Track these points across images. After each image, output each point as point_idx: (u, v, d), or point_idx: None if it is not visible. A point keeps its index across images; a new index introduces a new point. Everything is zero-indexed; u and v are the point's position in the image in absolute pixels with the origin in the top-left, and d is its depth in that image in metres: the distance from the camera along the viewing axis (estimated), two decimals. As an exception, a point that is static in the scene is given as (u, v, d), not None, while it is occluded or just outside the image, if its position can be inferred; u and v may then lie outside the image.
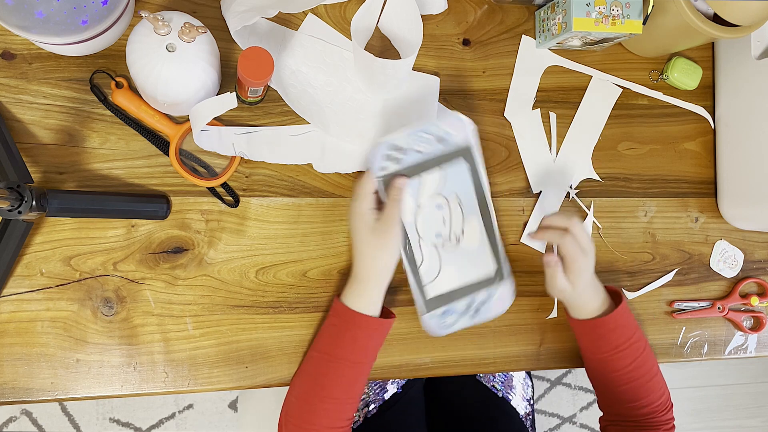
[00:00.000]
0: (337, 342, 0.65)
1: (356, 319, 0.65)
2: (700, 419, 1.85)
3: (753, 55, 0.78)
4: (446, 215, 0.69)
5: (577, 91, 0.80)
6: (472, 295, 0.71)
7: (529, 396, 0.97)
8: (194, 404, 1.51)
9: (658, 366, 0.73)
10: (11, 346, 0.63)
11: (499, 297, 0.72)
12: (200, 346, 0.68)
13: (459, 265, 0.70)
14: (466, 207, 0.70)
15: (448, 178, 0.68)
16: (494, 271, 0.71)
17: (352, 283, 0.67)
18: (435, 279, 0.70)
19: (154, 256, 0.67)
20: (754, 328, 0.86)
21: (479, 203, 0.70)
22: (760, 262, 0.87)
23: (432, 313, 0.70)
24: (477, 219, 0.70)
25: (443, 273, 0.70)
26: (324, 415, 0.64)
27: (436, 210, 0.69)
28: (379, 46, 0.74)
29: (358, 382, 0.66)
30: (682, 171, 0.84)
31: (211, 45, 0.61)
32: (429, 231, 0.69)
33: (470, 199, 0.70)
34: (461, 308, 0.71)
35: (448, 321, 0.71)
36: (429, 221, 0.69)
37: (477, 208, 0.70)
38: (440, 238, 0.69)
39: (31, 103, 0.64)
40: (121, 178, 0.66)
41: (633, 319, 0.73)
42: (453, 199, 0.69)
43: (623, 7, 0.69)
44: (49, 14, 0.52)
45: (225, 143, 0.66)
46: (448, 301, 0.70)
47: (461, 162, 0.69)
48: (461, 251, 0.70)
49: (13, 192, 0.54)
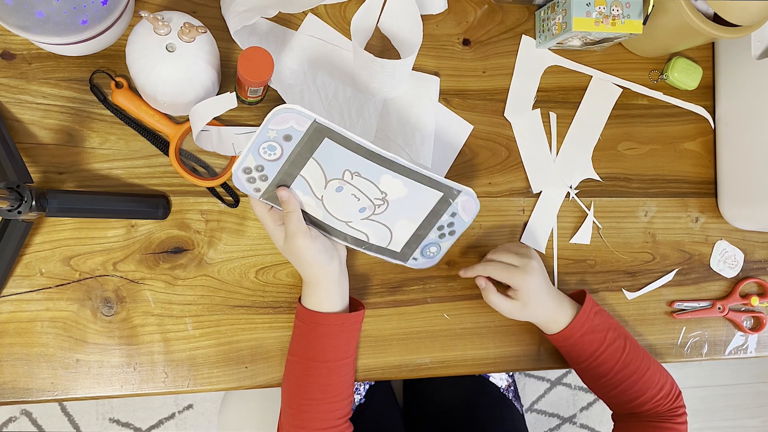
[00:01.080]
0: (305, 344, 0.65)
1: (316, 318, 0.65)
2: (700, 419, 1.85)
3: (753, 55, 0.78)
4: (353, 191, 0.65)
5: (577, 91, 0.80)
6: (438, 221, 0.69)
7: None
8: (194, 404, 1.51)
9: (651, 360, 0.72)
10: (11, 346, 0.63)
11: (463, 207, 0.68)
12: (200, 346, 0.68)
13: (403, 215, 0.67)
14: (365, 173, 0.64)
15: (325, 161, 0.62)
16: (441, 196, 0.67)
17: (306, 287, 0.67)
18: (392, 238, 0.69)
19: (154, 256, 0.67)
20: (754, 328, 0.86)
21: (375, 161, 0.63)
22: (760, 262, 0.87)
23: (412, 257, 0.70)
24: (387, 173, 0.64)
25: (395, 230, 0.68)
26: (311, 417, 0.64)
27: (338, 193, 0.64)
28: (379, 46, 0.74)
29: (338, 379, 0.65)
30: (682, 171, 0.84)
31: (211, 45, 0.61)
32: (351, 212, 0.66)
33: (363, 164, 0.63)
34: (435, 237, 0.70)
35: (432, 251, 0.70)
36: (342, 205, 0.65)
37: (377, 166, 0.63)
38: (365, 211, 0.66)
39: (31, 103, 0.64)
40: (121, 178, 0.66)
41: (606, 321, 0.71)
42: (347, 175, 0.64)
43: (623, 7, 0.69)
44: (49, 14, 0.52)
45: (225, 143, 0.66)
46: (419, 240, 0.69)
47: (326, 142, 0.61)
48: (394, 205, 0.66)
49: (13, 192, 0.54)
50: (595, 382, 0.72)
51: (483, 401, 0.91)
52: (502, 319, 0.76)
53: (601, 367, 0.70)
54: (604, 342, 0.69)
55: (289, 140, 0.60)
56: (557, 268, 0.79)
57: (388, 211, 0.67)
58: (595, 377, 0.71)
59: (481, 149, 0.77)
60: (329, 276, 0.65)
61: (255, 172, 0.61)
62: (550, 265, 0.78)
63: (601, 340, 0.69)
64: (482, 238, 0.76)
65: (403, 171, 0.64)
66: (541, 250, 0.78)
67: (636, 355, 0.70)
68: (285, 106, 0.58)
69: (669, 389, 0.71)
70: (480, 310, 0.76)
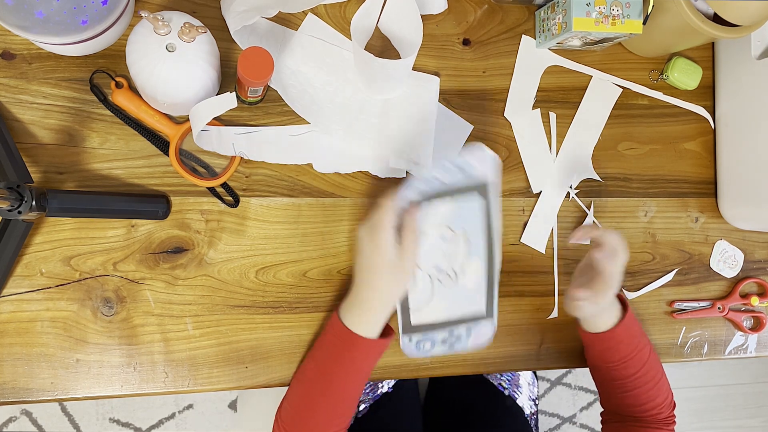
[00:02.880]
0: (334, 359, 0.64)
1: (356, 341, 0.63)
2: (700, 419, 1.85)
3: (753, 55, 0.78)
4: (450, 249, 0.66)
5: (577, 91, 0.80)
6: (452, 328, 0.69)
7: (534, 396, 0.97)
8: (194, 404, 1.51)
9: (663, 368, 0.73)
10: (11, 346, 0.63)
11: (476, 334, 0.70)
12: (200, 346, 0.68)
13: (450, 301, 0.68)
14: (472, 245, 0.66)
15: (460, 210, 0.65)
16: (482, 312, 0.69)
17: (355, 305, 0.64)
18: (423, 308, 0.68)
19: (154, 256, 0.67)
20: (754, 328, 0.86)
21: (486, 245, 0.66)
22: (760, 262, 0.87)
23: (410, 336, 0.69)
24: (481, 260, 0.67)
25: (432, 305, 0.68)
26: (318, 421, 0.64)
27: (439, 241, 0.66)
28: (379, 46, 0.74)
29: (353, 394, 0.66)
30: (682, 171, 0.84)
31: (211, 45, 0.61)
32: (428, 261, 0.66)
33: (478, 238, 0.66)
34: (439, 338, 0.69)
35: (426, 347, 0.69)
36: (430, 251, 0.66)
37: (483, 250, 0.66)
38: (438, 272, 0.67)
39: (31, 103, 0.64)
40: (121, 178, 0.66)
41: (639, 326, 0.72)
42: (461, 234, 0.65)
43: (623, 7, 0.69)
44: (49, 14, 0.52)
45: (225, 143, 0.66)
46: (429, 330, 0.69)
47: (476, 197, 0.65)
48: (456, 288, 0.67)
49: (13, 192, 0.54)
50: (611, 383, 0.72)
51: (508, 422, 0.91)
52: (502, 320, 0.76)
53: (625, 370, 0.70)
54: (637, 347, 0.70)
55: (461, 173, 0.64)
56: (557, 268, 0.79)
57: (445, 288, 0.67)
58: (614, 378, 0.71)
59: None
60: (390, 305, 0.64)
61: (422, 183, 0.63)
62: (550, 265, 0.78)
63: (635, 345, 0.70)
64: (482, 238, 0.76)
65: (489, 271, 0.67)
66: (541, 250, 0.78)
67: (655, 364, 0.71)
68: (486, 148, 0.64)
69: (670, 401, 0.72)
70: (480, 310, 0.76)
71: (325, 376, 0.64)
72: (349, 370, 0.64)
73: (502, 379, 0.93)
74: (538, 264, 0.78)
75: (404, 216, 0.62)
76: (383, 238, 0.60)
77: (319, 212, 0.71)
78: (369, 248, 0.61)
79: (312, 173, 0.71)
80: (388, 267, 0.61)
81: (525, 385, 0.95)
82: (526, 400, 0.94)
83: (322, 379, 0.64)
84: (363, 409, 0.86)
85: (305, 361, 0.68)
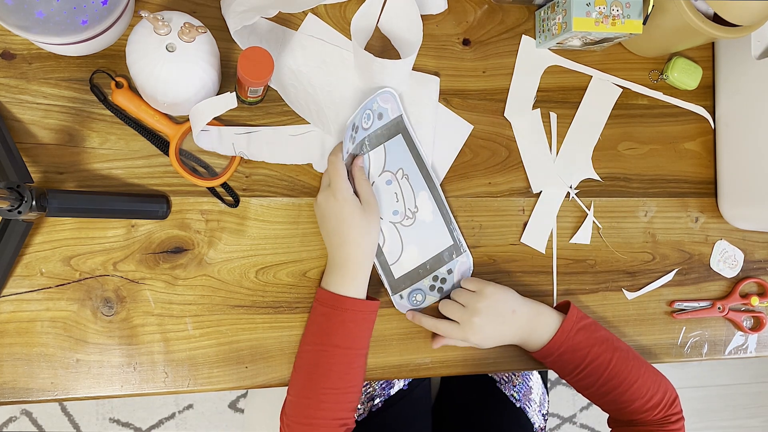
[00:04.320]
0: (326, 330, 0.65)
1: (345, 303, 0.64)
2: (700, 419, 1.85)
3: (753, 55, 0.78)
4: (397, 191, 0.71)
5: (577, 91, 0.80)
6: (435, 272, 0.73)
7: (545, 411, 0.97)
8: (194, 404, 1.51)
9: (642, 371, 0.70)
10: (11, 346, 0.63)
11: (458, 270, 0.74)
12: (200, 346, 0.68)
13: (418, 242, 0.72)
14: (413, 181, 0.71)
15: (390, 153, 0.70)
16: (450, 244, 0.73)
17: (335, 269, 0.66)
18: (399, 258, 0.72)
19: (154, 256, 0.67)
20: (754, 328, 0.86)
21: (423, 176, 0.72)
22: (760, 262, 0.87)
23: (401, 293, 0.72)
24: (426, 192, 0.72)
25: (405, 252, 0.72)
26: (326, 407, 0.63)
27: (386, 186, 0.71)
28: (379, 46, 0.74)
29: (355, 369, 0.65)
30: (682, 171, 0.84)
31: (211, 45, 0.61)
32: (386, 209, 0.71)
33: (415, 172, 0.72)
34: (427, 286, 0.73)
35: (418, 299, 0.73)
36: (383, 199, 0.71)
37: (423, 181, 0.72)
38: (397, 215, 0.71)
39: (31, 103, 0.64)
40: (121, 178, 0.66)
41: (590, 337, 0.70)
42: (399, 174, 0.71)
43: (623, 7, 0.69)
44: (49, 14, 0.52)
45: (225, 143, 0.66)
46: (414, 279, 0.73)
47: (399, 137, 0.71)
48: (418, 226, 0.72)
49: (13, 192, 0.54)
50: (584, 392, 0.72)
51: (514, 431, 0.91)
52: (502, 319, 0.76)
53: (585, 380, 0.70)
54: (585, 359, 0.69)
55: (380, 119, 0.70)
56: (557, 268, 0.79)
57: (410, 228, 0.71)
58: (582, 388, 0.72)
59: (481, 149, 0.77)
60: (369, 259, 0.66)
61: (352, 131, 0.66)
62: (550, 265, 0.78)
63: (583, 357, 0.69)
64: (482, 238, 0.76)
65: (437, 198, 0.73)
66: (541, 250, 0.78)
67: (623, 367, 0.69)
68: (390, 90, 0.69)
69: (661, 398, 0.69)
70: (480, 310, 0.76)
71: (324, 351, 0.64)
72: (346, 336, 0.64)
73: (515, 391, 0.93)
74: (538, 264, 0.78)
75: (352, 170, 0.67)
76: (343, 192, 0.64)
77: (319, 212, 0.71)
78: (333, 208, 0.64)
79: (312, 173, 0.71)
80: (357, 218, 0.64)
81: (537, 398, 0.95)
82: (536, 414, 0.94)
83: (321, 356, 0.64)
84: (377, 404, 0.86)
85: (299, 350, 0.68)
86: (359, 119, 0.67)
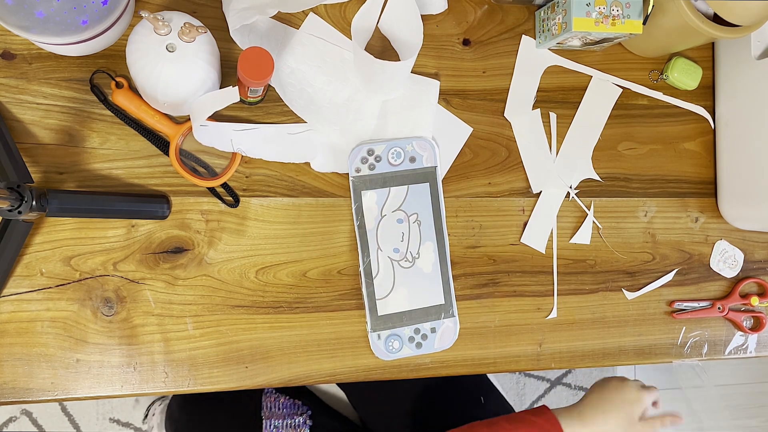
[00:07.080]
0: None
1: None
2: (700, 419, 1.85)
3: (753, 55, 0.78)
4: (405, 231, 0.71)
5: (577, 91, 0.80)
6: (418, 325, 0.72)
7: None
8: (194, 404, 1.51)
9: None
10: (11, 346, 0.63)
11: (443, 333, 0.73)
12: (200, 346, 0.68)
13: (411, 288, 0.72)
14: (423, 229, 0.72)
15: (412, 196, 0.72)
16: (442, 304, 0.73)
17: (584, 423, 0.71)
18: (387, 296, 0.71)
19: (154, 256, 0.67)
20: (754, 328, 0.86)
21: (436, 229, 0.73)
22: (760, 262, 0.87)
23: (379, 333, 0.71)
24: (432, 244, 0.73)
25: (395, 292, 0.71)
26: None
27: (396, 223, 0.71)
28: (379, 47, 0.74)
29: None
30: (682, 171, 0.84)
31: (211, 45, 0.61)
32: (388, 243, 0.71)
33: (428, 223, 0.72)
34: (407, 336, 0.72)
35: (395, 346, 0.72)
36: (389, 233, 0.71)
37: (434, 234, 0.73)
38: (397, 253, 0.71)
39: (31, 103, 0.64)
40: (121, 178, 0.66)
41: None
42: (413, 217, 0.71)
43: (623, 7, 0.69)
44: (49, 14, 0.52)
45: (223, 138, 0.66)
46: (396, 324, 0.71)
47: (426, 185, 0.72)
48: (414, 273, 0.72)
49: (13, 192, 0.54)
50: None
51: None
52: (501, 319, 0.76)
53: None
54: None
55: (413, 162, 0.72)
56: (557, 268, 0.79)
57: (407, 271, 0.72)
58: None
59: (481, 149, 0.77)
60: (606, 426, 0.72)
61: (372, 157, 0.70)
62: (550, 265, 0.79)
63: None
64: (482, 238, 0.76)
65: (442, 254, 0.73)
66: (541, 251, 0.78)
67: None
68: (430, 140, 0.72)
69: None
70: (479, 310, 0.76)
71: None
72: None
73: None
74: (538, 264, 0.78)
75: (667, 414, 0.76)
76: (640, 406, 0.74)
77: (319, 212, 0.71)
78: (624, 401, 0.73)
79: (312, 173, 0.71)
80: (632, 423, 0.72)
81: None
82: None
83: None
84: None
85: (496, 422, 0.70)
86: (385, 152, 0.70)
